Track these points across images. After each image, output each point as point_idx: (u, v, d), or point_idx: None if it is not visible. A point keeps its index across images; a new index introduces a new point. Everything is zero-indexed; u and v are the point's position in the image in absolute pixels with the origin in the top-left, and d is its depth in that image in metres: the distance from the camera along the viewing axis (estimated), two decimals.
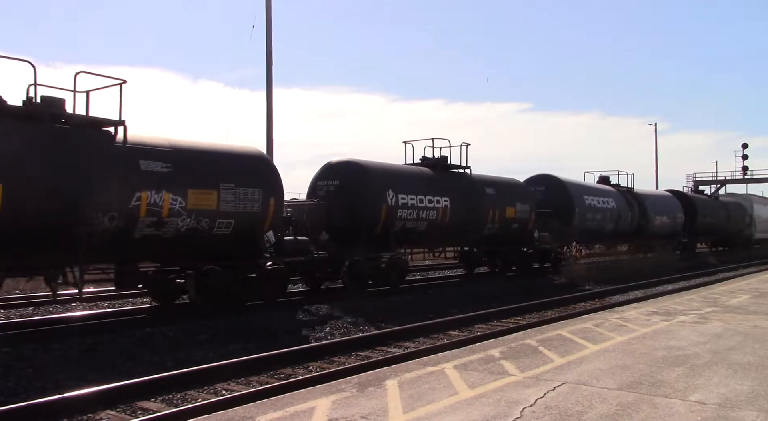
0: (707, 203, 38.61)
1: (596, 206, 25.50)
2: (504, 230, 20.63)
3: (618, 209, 27.11)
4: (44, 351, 9.20)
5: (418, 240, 18.72)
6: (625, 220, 27.69)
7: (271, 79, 24.01)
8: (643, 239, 30.89)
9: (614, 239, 29.76)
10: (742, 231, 43.63)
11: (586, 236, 25.00)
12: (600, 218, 25.68)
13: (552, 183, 24.78)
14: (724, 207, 40.71)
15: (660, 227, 31.05)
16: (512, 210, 20.84)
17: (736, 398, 5.51)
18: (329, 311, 13.34)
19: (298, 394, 5.71)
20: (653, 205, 30.54)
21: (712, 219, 37.62)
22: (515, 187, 22.01)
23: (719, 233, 40.23)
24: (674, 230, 32.76)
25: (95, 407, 6.96)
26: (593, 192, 26.22)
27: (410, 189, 17.31)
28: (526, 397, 5.48)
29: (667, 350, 7.55)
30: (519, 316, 14.00)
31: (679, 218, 32.94)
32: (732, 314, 10.68)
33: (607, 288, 19.09)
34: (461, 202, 18.74)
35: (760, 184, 66.43)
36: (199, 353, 9.71)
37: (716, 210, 39.12)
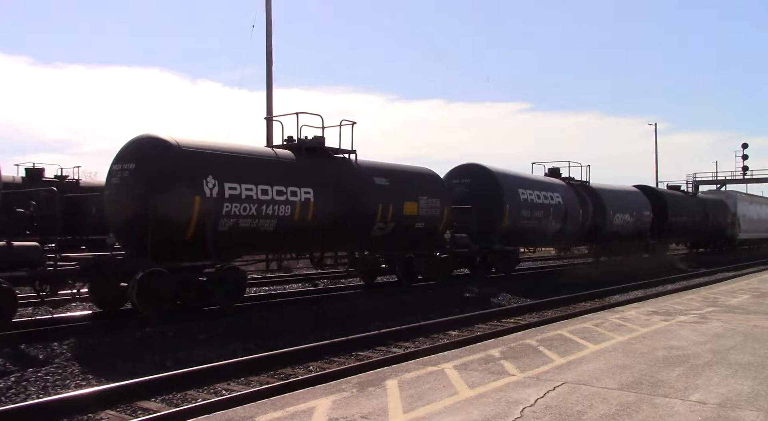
0: (680, 200, 34.50)
1: (535, 202, 21.61)
2: (403, 231, 16.51)
3: (565, 206, 23.14)
4: (44, 351, 9.20)
5: (262, 244, 14.17)
6: (574, 218, 23.73)
7: (271, 79, 24.05)
8: (600, 241, 27.31)
9: (562, 241, 26.08)
10: (724, 231, 40.16)
11: (522, 237, 21.46)
12: (540, 216, 21.86)
13: (479, 174, 20.73)
14: (701, 205, 36.73)
15: (622, 227, 27.15)
16: (413, 206, 16.73)
17: (736, 397, 5.51)
18: None
19: (298, 394, 5.71)
20: (613, 202, 26.50)
21: (687, 218, 33.68)
22: (420, 177, 17.68)
23: (696, 234, 36.35)
24: (640, 231, 28.78)
25: (95, 407, 6.96)
26: (533, 185, 22.15)
27: (246, 176, 12.88)
28: (526, 397, 5.48)
29: (667, 350, 7.55)
30: (519, 316, 14.00)
31: (645, 217, 29.02)
32: (732, 314, 10.68)
33: (607, 288, 19.07)
34: (333, 194, 14.64)
35: (761, 184, 66.50)
36: (199, 353, 9.71)
37: (691, 208, 35.07)
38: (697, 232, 36.07)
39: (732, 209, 41.08)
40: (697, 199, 37.38)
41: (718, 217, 38.72)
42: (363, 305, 14.39)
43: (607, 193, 26.67)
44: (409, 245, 17.15)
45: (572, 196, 24.01)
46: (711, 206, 38.03)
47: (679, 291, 16.42)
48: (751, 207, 46.19)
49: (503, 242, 20.45)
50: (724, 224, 39.78)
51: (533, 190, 21.83)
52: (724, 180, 64.67)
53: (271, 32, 24.23)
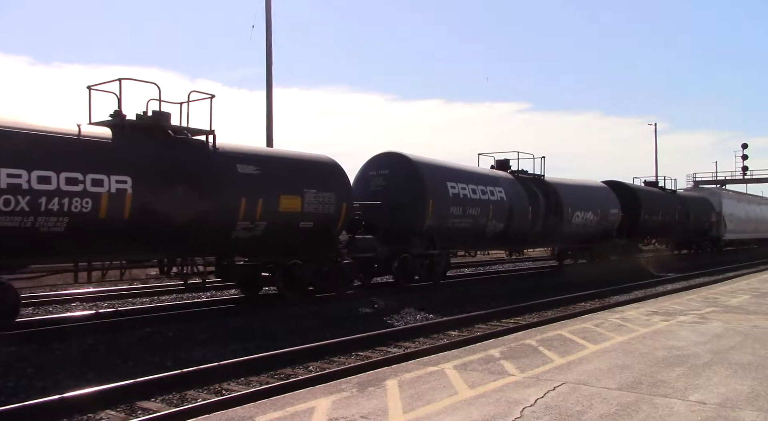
0: (656, 197, 30.81)
1: (470, 198, 18.25)
2: (280, 232, 13.20)
3: (510, 202, 19.83)
4: (44, 351, 9.20)
5: (47, 251, 10.49)
6: (521, 217, 20.42)
7: (271, 79, 24.01)
8: (557, 242, 24.56)
9: (508, 243, 22.06)
10: (707, 231, 36.87)
11: (452, 239, 18.19)
12: (476, 214, 18.45)
13: (398, 164, 17.44)
14: (681, 202, 33.05)
15: (583, 227, 24.02)
16: (295, 201, 13.37)
17: (736, 398, 5.51)
18: None
19: (298, 394, 5.71)
20: (572, 199, 23.22)
21: (664, 217, 30.31)
22: (308, 166, 14.28)
23: (675, 234, 32.81)
24: (607, 231, 25.66)
25: (95, 407, 6.96)
26: (467, 178, 18.61)
27: (15, 159, 9.63)
28: (526, 397, 5.48)
29: (667, 350, 7.55)
30: (519, 316, 13.99)
31: (613, 216, 25.78)
32: (732, 314, 10.68)
33: (607, 288, 19.06)
34: (170, 185, 11.42)
35: (761, 184, 66.55)
36: (199, 353, 9.71)
37: (670, 206, 31.46)
38: (677, 232, 32.68)
39: (717, 208, 37.92)
40: (676, 197, 33.40)
41: (700, 216, 35.52)
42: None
43: (566, 188, 23.39)
44: (294, 249, 13.85)
45: (520, 191, 20.73)
46: (693, 204, 34.81)
47: (679, 291, 16.42)
48: (739, 206, 42.92)
49: (426, 244, 17.36)
50: (707, 223, 36.67)
51: (467, 184, 18.40)
52: (724, 180, 64.75)
53: (271, 32, 24.21)
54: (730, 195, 44.78)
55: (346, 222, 14.96)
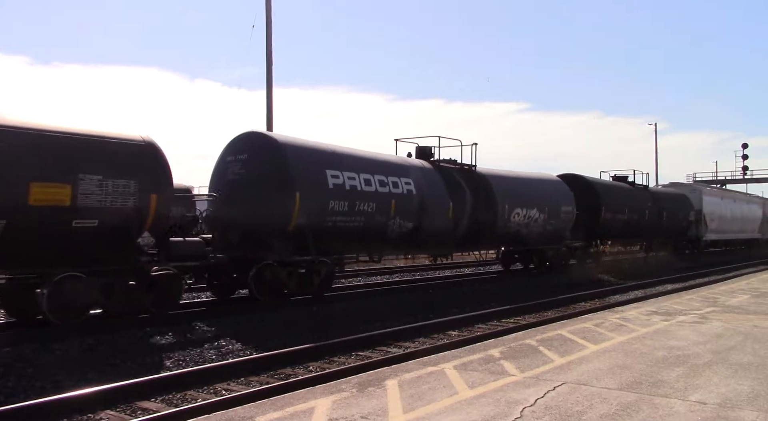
0: (622, 193, 27.20)
1: (360, 190, 14.58)
2: (33, 235, 9.83)
3: (421, 197, 16.27)
4: (44, 351, 9.20)
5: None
6: (437, 215, 16.93)
7: (271, 79, 24.02)
8: (488, 245, 20.83)
9: (419, 247, 18.09)
10: (685, 231, 33.48)
11: (336, 241, 14.42)
12: (370, 211, 14.80)
13: (260, 147, 13.90)
14: (652, 199, 29.32)
15: (525, 226, 20.38)
16: (60, 191, 9.93)
17: (736, 398, 5.51)
18: None
19: (298, 394, 5.71)
20: (510, 194, 19.72)
21: (631, 215, 26.83)
22: (90, 144, 10.58)
23: (645, 234, 29.28)
24: (557, 231, 22.03)
25: (95, 407, 6.96)
26: (357, 166, 14.96)
27: None
28: (526, 397, 5.48)
29: (667, 350, 7.55)
30: (519, 316, 13.99)
31: (565, 214, 22.20)
32: (732, 314, 10.68)
33: (606, 288, 19.06)
34: None
35: (761, 184, 66.62)
36: (199, 353, 9.70)
37: (638, 203, 27.90)
38: (647, 232, 29.17)
39: (696, 205, 34.49)
40: (648, 194, 29.74)
41: (676, 214, 32.00)
42: None
43: (502, 181, 19.93)
44: (68, 258, 10.25)
45: (436, 183, 17.22)
46: (667, 202, 31.41)
47: (679, 291, 16.41)
48: (723, 203, 39.14)
49: (293, 248, 13.65)
50: (685, 222, 33.24)
51: (358, 174, 14.71)
52: (724, 180, 64.89)
53: (271, 32, 24.21)
54: (713, 192, 40.97)
55: (162, 220, 11.50)
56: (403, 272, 23.25)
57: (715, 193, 41.07)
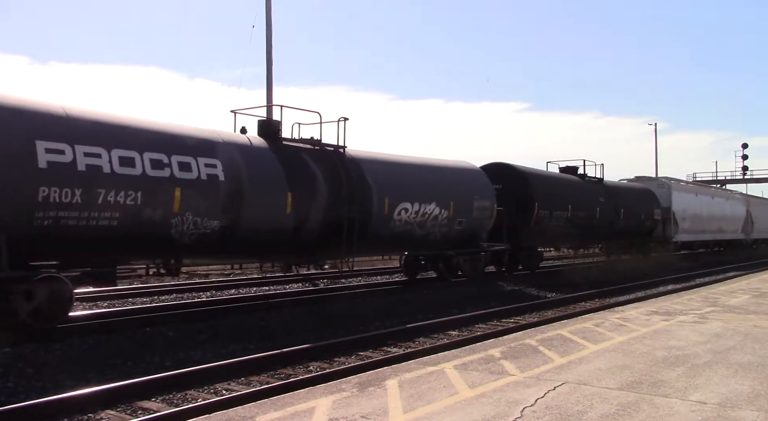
0: (559, 186, 22.95)
1: (111, 175, 10.31)
2: None
3: (236, 184, 12.12)
4: (44, 351, 9.20)
5: None
6: (264, 209, 12.72)
7: (271, 79, 23.99)
8: (358, 252, 15.96)
9: (238, 252, 14.17)
10: (650, 231, 29.30)
11: (51, 244, 9.96)
12: (133, 204, 10.56)
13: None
14: (606, 195, 25.21)
15: (420, 227, 16.13)
16: None
17: (736, 397, 5.51)
18: None
19: (298, 394, 5.71)
20: (394, 184, 15.54)
21: (576, 213, 22.65)
22: None
23: (595, 235, 25.26)
24: (470, 233, 17.91)
25: (95, 407, 6.96)
26: (110, 138, 10.49)
27: None
28: (527, 397, 5.48)
29: (667, 350, 7.55)
30: (519, 316, 13.99)
31: (480, 211, 17.99)
32: (732, 314, 10.69)
33: (606, 288, 19.06)
34: None
35: (761, 184, 66.72)
36: (199, 353, 9.70)
37: (586, 199, 23.71)
38: (598, 233, 25.02)
39: (664, 202, 30.30)
40: (602, 188, 25.53)
41: (638, 212, 27.86)
42: None
43: (380, 167, 15.63)
44: None
45: (268, 167, 12.91)
46: (626, 198, 27.31)
47: (679, 291, 16.41)
48: (697, 200, 34.76)
49: None
50: (649, 221, 28.98)
51: (109, 149, 10.39)
52: (723, 180, 64.95)
53: (271, 32, 24.19)
54: (685, 187, 36.68)
55: None
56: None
57: (687, 188, 36.69)
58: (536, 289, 18.53)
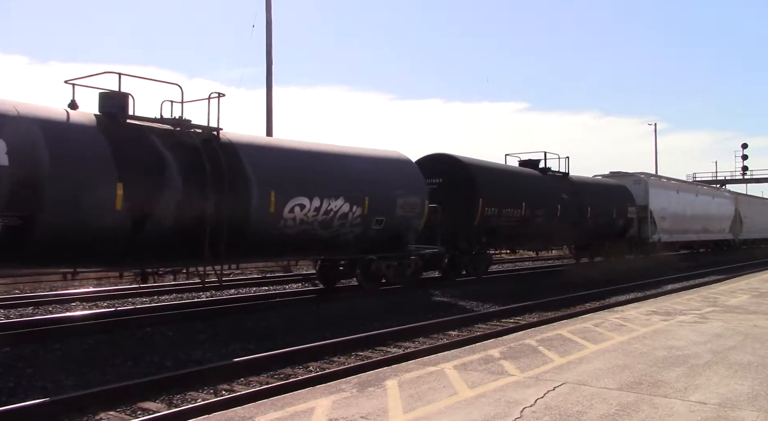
0: (511, 181, 20.46)
1: None
2: None
3: (25, 173, 9.28)
4: (44, 351, 9.20)
5: None
6: (80, 205, 9.94)
7: (271, 79, 24.02)
8: (238, 257, 13.37)
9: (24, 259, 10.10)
10: (623, 231, 26.89)
11: None
12: None
13: None
14: (570, 191, 22.91)
15: (318, 227, 13.48)
16: None
17: (736, 398, 5.51)
18: None
19: (298, 394, 5.71)
20: (285, 174, 12.95)
21: (533, 211, 20.38)
22: None
23: (556, 236, 22.86)
24: (390, 234, 15.12)
25: (95, 407, 6.96)
26: None
27: None
28: (526, 397, 5.48)
29: (667, 350, 7.55)
30: (519, 316, 13.99)
31: (406, 208, 15.34)
32: (732, 314, 10.69)
33: (606, 288, 19.05)
34: None
35: (761, 184, 66.76)
36: (199, 353, 9.70)
37: (543, 195, 21.34)
38: (560, 233, 22.55)
39: (641, 200, 28.05)
40: (566, 184, 23.18)
41: (608, 210, 25.41)
42: None
43: (264, 154, 13.05)
44: None
45: (88, 150, 10.19)
46: (595, 195, 24.71)
47: (679, 291, 16.41)
48: (679, 198, 32.15)
49: None
50: (623, 220, 26.61)
51: None
52: (723, 180, 64.97)
53: (271, 32, 24.22)
54: (664, 183, 33.27)
55: None
56: None
57: (667, 185, 33.28)
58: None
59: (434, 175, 18.03)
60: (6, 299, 14.63)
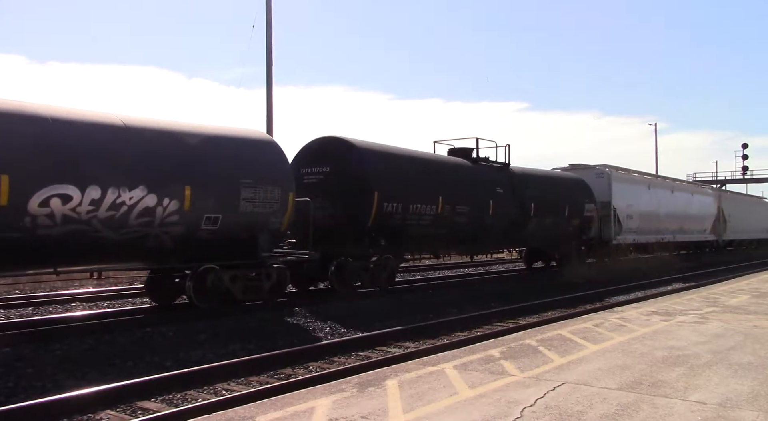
0: (422, 170, 16.48)
1: None
2: None
3: None
4: (44, 351, 9.20)
5: None
6: None
7: (271, 79, 24.00)
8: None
9: None
10: (581, 231, 22.95)
11: None
12: None
13: None
14: (509, 185, 19.16)
15: (94, 230, 9.95)
16: None
17: (736, 398, 5.51)
18: None
19: (298, 394, 5.71)
20: (25, 157, 9.17)
21: (452, 209, 16.70)
22: None
23: (491, 237, 18.98)
24: (232, 235, 11.85)
25: (95, 407, 6.97)
26: None
27: None
28: (526, 397, 5.48)
29: (667, 350, 7.55)
30: (519, 316, 13.99)
31: (259, 203, 12.18)
32: (732, 314, 10.68)
33: (606, 288, 19.06)
34: None
35: (761, 184, 66.77)
36: (199, 353, 9.71)
37: (466, 187, 17.43)
38: (495, 234, 18.86)
39: (603, 196, 24.51)
40: (502, 176, 19.33)
41: (560, 208, 21.64)
42: None
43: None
44: None
45: None
46: (543, 189, 21.00)
47: (679, 291, 16.41)
48: (650, 194, 28.50)
49: None
50: (578, 219, 22.65)
51: None
52: (724, 180, 64.97)
53: (271, 32, 24.19)
54: (632, 178, 28.89)
55: None
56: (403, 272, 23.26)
57: (635, 180, 29.01)
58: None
59: (321, 162, 14.85)
60: (6, 299, 14.63)
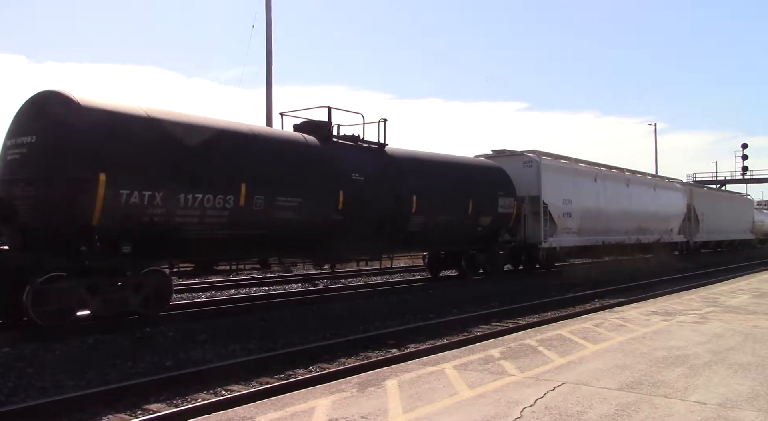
0: (201, 137, 11.18)
1: None
2: None
3: None
4: (44, 351, 9.20)
5: None
6: None
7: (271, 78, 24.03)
8: None
9: None
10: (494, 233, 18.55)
11: None
12: None
13: None
14: (376, 169, 14.83)
15: None
16: None
17: (736, 398, 5.51)
18: None
19: (298, 394, 5.71)
20: None
21: (269, 201, 12.00)
22: None
23: (345, 240, 14.07)
24: None
25: (95, 407, 6.97)
26: None
27: None
28: (526, 397, 5.48)
29: (667, 350, 7.55)
30: (519, 316, 13.99)
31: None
32: (732, 314, 10.68)
33: (606, 288, 19.05)
34: None
35: (760, 184, 66.78)
36: (199, 353, 9.71)
37: (292, 168, 12.69)
38: (353, 239, 14.38)
39: (530, 189, 19.98)
40: (371, 158, 15.10)
41: (462, 202, 17.25)
42: None
43: None
44: None
45: None
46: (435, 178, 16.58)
47: (679, 291, 16.39)
48: (596, 188, 23.52)
49: None
50: (490, 218, 18.20)
51: None
52: (723, 180, 65.00)
53: (271, 32, 24.23)
54: (570, 168, 23.18)
55: None
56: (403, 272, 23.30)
57: (575, 170, 23.40)
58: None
59: (26, 131, 10.00)
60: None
